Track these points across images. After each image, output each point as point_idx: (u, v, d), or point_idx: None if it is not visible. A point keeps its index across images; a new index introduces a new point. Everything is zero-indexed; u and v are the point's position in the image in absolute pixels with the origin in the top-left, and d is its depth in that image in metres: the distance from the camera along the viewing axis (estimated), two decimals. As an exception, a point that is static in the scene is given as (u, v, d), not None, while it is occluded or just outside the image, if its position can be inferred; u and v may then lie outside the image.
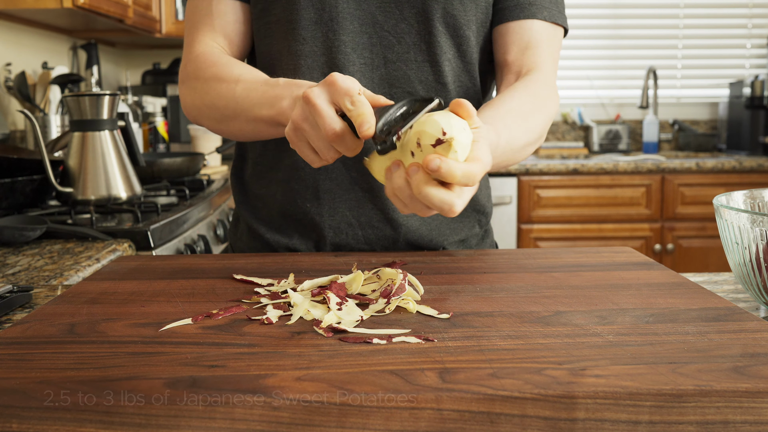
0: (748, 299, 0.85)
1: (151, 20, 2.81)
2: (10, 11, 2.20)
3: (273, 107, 0.84)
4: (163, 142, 3.09)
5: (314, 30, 0.97)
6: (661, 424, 0.50)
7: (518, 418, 0.50)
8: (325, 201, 1.01)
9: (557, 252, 0.96)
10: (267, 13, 1.00)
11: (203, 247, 1.75)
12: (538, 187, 3.24)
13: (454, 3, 0.97)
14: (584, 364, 0.55)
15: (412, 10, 0.97)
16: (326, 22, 0.96)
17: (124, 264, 0.92)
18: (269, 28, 1.00)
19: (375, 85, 0.98)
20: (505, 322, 0.65)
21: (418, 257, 0.94)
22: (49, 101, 2.38)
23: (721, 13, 3.83)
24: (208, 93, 0.95)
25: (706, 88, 3.90)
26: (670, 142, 3.90)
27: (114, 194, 1.63)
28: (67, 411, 0.49)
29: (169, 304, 0.72)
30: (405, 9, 0.97)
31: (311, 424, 0.49)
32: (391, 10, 0.97)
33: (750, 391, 0.51)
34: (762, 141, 3.46)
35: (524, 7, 1.00)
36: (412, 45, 0.98)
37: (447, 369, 0.54)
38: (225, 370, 0.54)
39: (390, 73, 0.98)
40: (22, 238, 1.32)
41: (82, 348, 0.60)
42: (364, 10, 0.97)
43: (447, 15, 0.98)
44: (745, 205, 0.87)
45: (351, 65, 0.97)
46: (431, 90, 0.99)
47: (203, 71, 0.97)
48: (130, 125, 1.78)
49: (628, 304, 0.71)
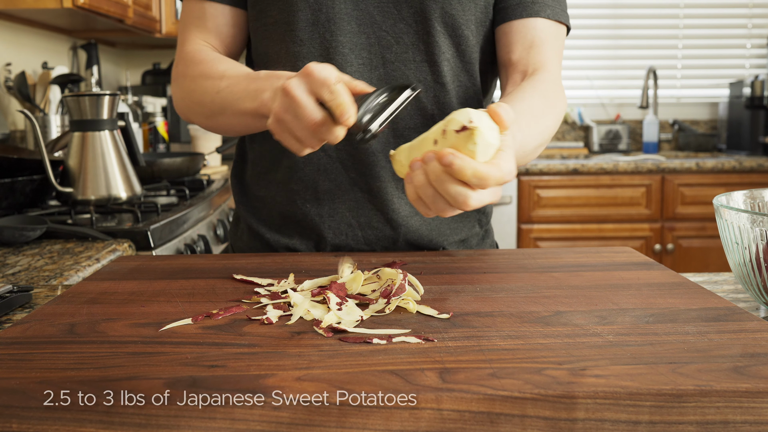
0: (748, 299, 0.85)
1: (151, 20, 2.81)
2: (10, 11, 2.20)
3: (255, 100, 0.85)
4: (163, 142, 3.09)
5: (311, 31, 0.97)
6: (661, 424, 0.50)
7: (518, 418, 0.50)
8: (324, 202, 1.01)
9: (557, 252, 0.96)
10: (264, 15, 1.00)
11: (203, 247, 1.75)
12: (538, 187, 3.23)
13: (453, 3, 0.97)
14: (584, 364, 0.55)
15: (410, 10, 0.97)
16: (323, 23, 0.96)
17: (124, 264, 0.92)
18: (267, 30, 1.00)
19: (373, 85, 0.97)
20: (505, 322, 0.65)
21: (418, 257, 0.94)
22: (49, 101, 2.38)
23: (721, 13, 3.83)
24: (195, 90, 0.97)
25: (706, 88, 3.90)
26: (670, 142, 3.90)
27: (114, 194, 1.63)
28: (67, 411, 0.49)
29: (169, 304, 0.72)
30: (403, 9, 0.97)
31: (311, 424, 0.49)
32: (389, 10, 0.97)
33: (750, 391, 0.51)
34: (762, 141, 3.46)
35: (527, 6, 1.00)
36: (411, 45, 0.98)
37: (447, 369, 0.54)
38: (225, 370, 0.54)
39: (388, 73, 0.98)
40: (22, 238, 1.32)
41: (82, 348, 0.60)
42: (362, 11, 0.97)
43: (445, 15, 0.97)
44: (745, 205, 0.87)
45: (349, 66, 0.97)
46: (430, 90, 0.99)
47: (191, 69, 0.99)
48: (130, 125, 1.78)
49: (628, 304, 0.71)
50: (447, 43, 0.99)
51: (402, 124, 0.99)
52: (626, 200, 3.25)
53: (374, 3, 0.97)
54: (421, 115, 0.99)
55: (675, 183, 3.25)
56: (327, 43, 0.97)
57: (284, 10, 0.97)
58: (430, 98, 0.99)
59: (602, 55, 3.87)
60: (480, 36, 1.02)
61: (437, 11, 0.97)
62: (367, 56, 0.97)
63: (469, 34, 1.00)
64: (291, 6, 0.97)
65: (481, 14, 1.01)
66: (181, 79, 1.00)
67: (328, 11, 0.96)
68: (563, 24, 1.03)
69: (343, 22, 0.96)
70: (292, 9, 0.97)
